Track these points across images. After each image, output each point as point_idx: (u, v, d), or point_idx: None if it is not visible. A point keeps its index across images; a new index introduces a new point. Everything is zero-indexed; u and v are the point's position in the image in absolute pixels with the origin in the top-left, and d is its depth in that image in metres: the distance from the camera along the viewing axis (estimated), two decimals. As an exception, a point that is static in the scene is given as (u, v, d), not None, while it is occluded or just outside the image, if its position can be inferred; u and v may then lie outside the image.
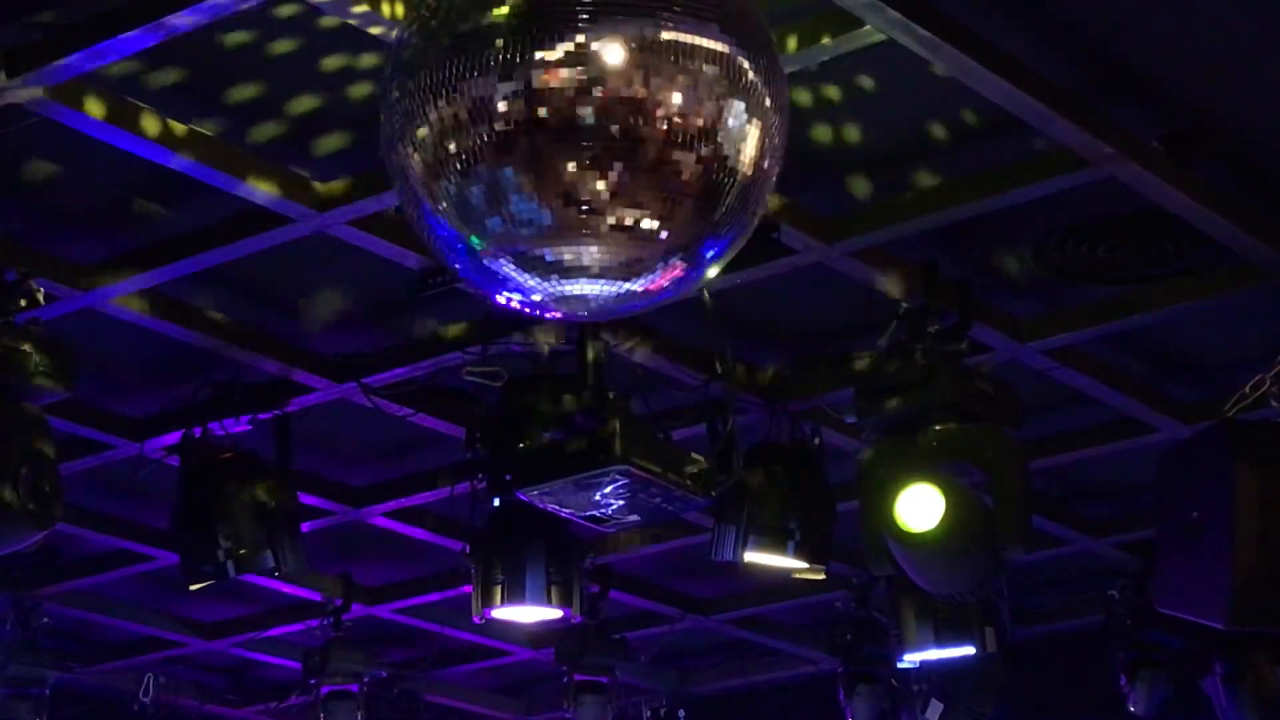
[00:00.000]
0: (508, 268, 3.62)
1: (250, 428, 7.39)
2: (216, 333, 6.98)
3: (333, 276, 6.81)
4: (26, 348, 6.16)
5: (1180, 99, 5.87)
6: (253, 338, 7.09)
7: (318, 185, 6.12)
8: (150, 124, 5.71)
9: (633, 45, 3.44)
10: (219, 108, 5.77)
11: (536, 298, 3.68)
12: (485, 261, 3.64)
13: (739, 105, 3.54)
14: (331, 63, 5.57)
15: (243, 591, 9.36)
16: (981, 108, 5.69)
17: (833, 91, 5.73)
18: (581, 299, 3.66)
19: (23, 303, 6.17)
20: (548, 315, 3.76)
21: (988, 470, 6.49)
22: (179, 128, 5.77)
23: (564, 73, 3.43)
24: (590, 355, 6.35)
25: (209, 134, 5.85)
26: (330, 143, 5.96)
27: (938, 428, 6.51)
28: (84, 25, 5.21)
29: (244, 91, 5.71)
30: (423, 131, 3.54)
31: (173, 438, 7.48)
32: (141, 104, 5.67)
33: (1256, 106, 5.95)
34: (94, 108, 5.57)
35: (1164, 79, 5.78)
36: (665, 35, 3.46)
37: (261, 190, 6.01)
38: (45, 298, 6.30)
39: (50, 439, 6.35)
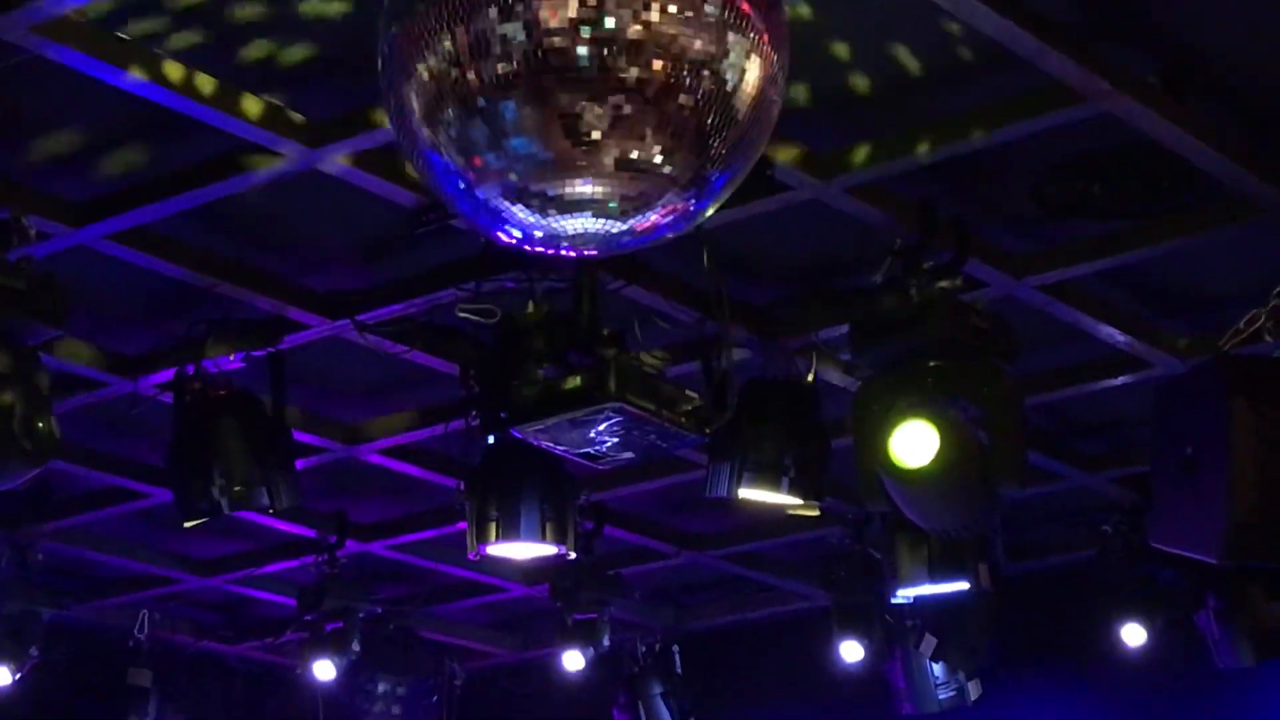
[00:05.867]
0: (506, 204, 3.61)
1: (243, 365, 7.38)
2: (209, 270, 6.96)
3: (326, 213, 6.79)
4: (19, 285, 6.14)
5: (1176, 34, 5.84)
6: (245, 275, 7.07)
7: (311, 121, 6.09)
8: (140, 60, 5.67)
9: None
10: (210, 44, 5.73)
11: (535, 234, 3.67)
12: (484, 198, 3.62)
13: (739, 41, 3.52)
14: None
15: (237, 528, 9.37)
16: (977, 43, 5.67)
17: (828, 28, 5.70)
18: (580, 235, 3.65)
19: (15, 240, 6.15)
20: (545, 251, 3.75)
21: (983, 406, 6.49)
22: (169, 63, 5.74)
23: (564, 8, 3.41)
24: (585, 292, 6.33)
25: (200, 70, 5.81)
26: (324, 78, 5.93)
27: (933, 364, 6.51)
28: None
29: (236, 27, 5.68)
30: (422, 68, 3.52)
31: (166, 375, 7.48)
32: (130, 40, 5.63)
33: (1253, 41, 5.93)
34: (82, 44, 5.53)
35: (1160, 14, 5.75)
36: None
37: (254, 127, 5.98)
38: (37, 235, 6.28)
39: (44, 376, 6.34)
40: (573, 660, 9.58)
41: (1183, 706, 9.83)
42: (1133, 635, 9.17)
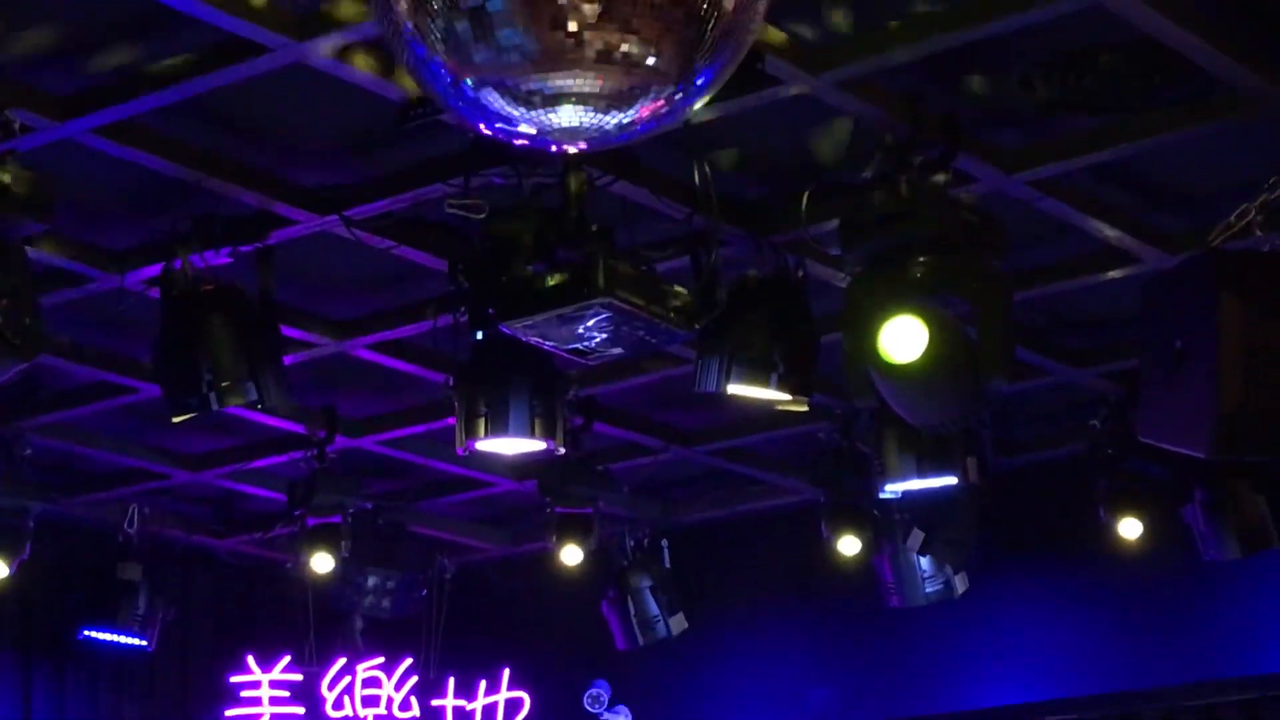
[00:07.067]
0: (494, 98, 3.59)
1: (231, 260, 7.36)
2: (196, 164, 6.93)
3: (314, 107, 6.75)
4: (4, 180, 6.11)
5: (1170, -75, 5.81)
6: (232, 169, 7.04)
7: (298, 14, 6.03)
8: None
9: None
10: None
11: (522, 128, 3.65)
12: (470, 92, 3.60)
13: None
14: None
15: (227, 423, 9.37)
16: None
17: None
18: (567, 129, 3.63)
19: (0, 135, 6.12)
20: (533, 146, 3.73)
21: (971, 302, 6.49)
22: (155, -44, 5.70)
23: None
24: (573, 187, 6.31)
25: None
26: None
27: (922, 259, 6.49)
28: None
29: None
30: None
31: (153, 270, 7.45)
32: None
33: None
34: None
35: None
36: None
37: (241, 20, 5.93)
38: (22, 129, 6.24)
39: (30, 271, 6.32)
40: (562, 555, 9.61)
41: (1170, 600, 9.90)
42: (1120, 529, 9.21)
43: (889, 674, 10.57)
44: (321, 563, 9.72)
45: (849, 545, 9.48)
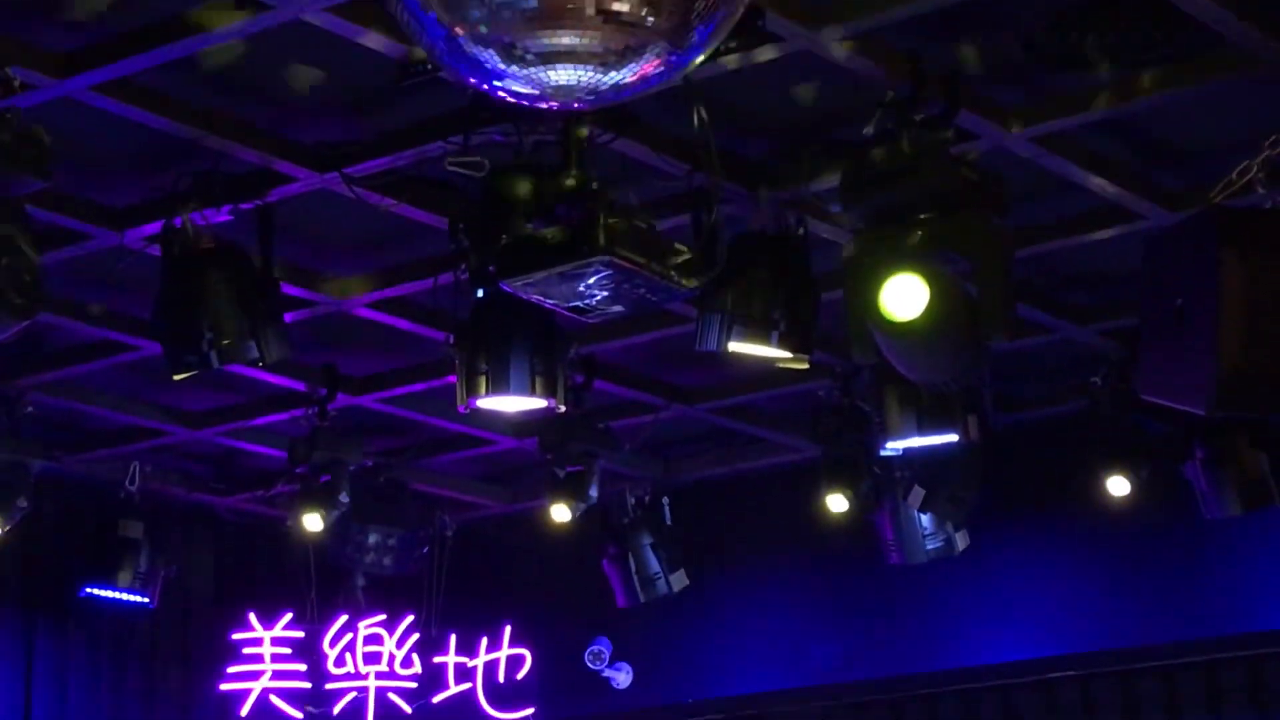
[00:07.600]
0: (489, 55, 3.57)
1: (231, 218, 7.35)
2: (195, 122, 6.91)
3: (314, 64, 6.73)
4: (3, 137, 6.10)
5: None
6: (232, 127, 7.03)
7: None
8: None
9: None
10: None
11: (519, 86, 3.64)
12: (467, 50, 3.59)
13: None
14: None
15: (228, 381, 9.38)
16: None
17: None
18: (565, 87, 3.62)
19: (-1, 92, 6.12)
20: (531, 104, 3.72)
21: (972, 259, 6.48)
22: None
23: None
24: (573, 145, 6.29)
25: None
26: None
27: (923, 216, 6.48)
28: None
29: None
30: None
31: (154, 228, 7.45)
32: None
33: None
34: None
35: None
36: None
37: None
38: (21, 86, 6.23)
39: (30, 228, 6.31)
40: (562, 513, 9.62)
41: (1171, 557, 9.90)
42: (1121, 486, 9.21)
43: (890, 631, 10.58)
44: (321, 521, 9.73)
45: (849, 503, 9.48)
